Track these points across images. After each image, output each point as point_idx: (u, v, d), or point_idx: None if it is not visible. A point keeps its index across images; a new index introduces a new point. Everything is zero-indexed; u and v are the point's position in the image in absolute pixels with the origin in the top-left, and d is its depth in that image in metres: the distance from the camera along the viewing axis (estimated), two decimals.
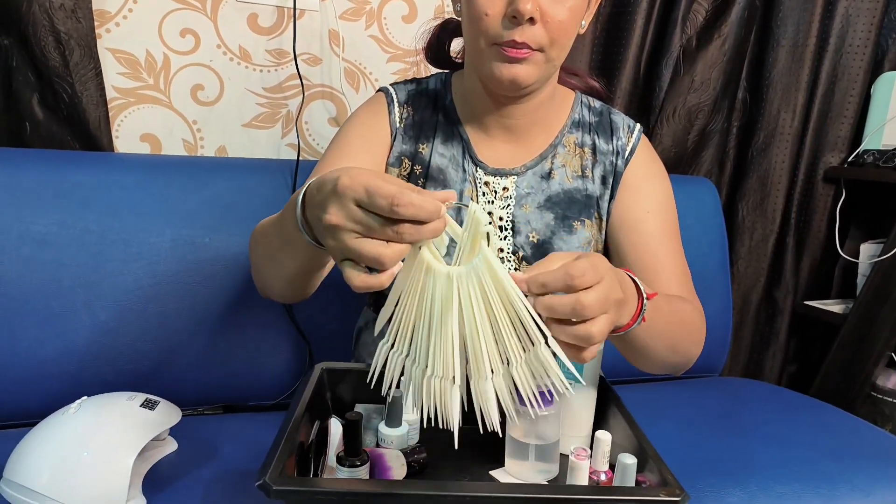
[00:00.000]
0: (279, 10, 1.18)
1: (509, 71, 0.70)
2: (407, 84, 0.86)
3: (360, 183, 0.44)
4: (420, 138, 0.83)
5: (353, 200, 0.44)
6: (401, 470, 0.62)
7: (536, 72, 0.71)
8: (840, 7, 1.39)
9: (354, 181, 0.44)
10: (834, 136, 1.46)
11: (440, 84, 0.86)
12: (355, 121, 0.84)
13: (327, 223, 0.45)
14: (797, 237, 1.51)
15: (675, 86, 1.34)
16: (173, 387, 0.98)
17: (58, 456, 0.64)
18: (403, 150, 0.82)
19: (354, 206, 0.44)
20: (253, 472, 0.51)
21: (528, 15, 0.65)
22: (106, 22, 1.09)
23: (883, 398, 1.39)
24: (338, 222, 0.45)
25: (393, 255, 0.45)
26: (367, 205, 0.44)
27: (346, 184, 0.44)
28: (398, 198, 0.42)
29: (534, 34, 0.68)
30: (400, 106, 0.84)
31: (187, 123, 1.18)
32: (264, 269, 0.70)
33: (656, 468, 0.56)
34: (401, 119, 0.83)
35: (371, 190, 0.43)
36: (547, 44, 0.69)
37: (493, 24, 0.68)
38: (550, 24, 0.67)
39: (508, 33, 0.67)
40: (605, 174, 0.83)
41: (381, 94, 0.85)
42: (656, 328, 0.65)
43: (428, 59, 0.91)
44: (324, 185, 0.48)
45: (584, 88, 0.90)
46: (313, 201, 0.50)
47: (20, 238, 0.92)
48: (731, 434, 0.98)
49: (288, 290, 0.70)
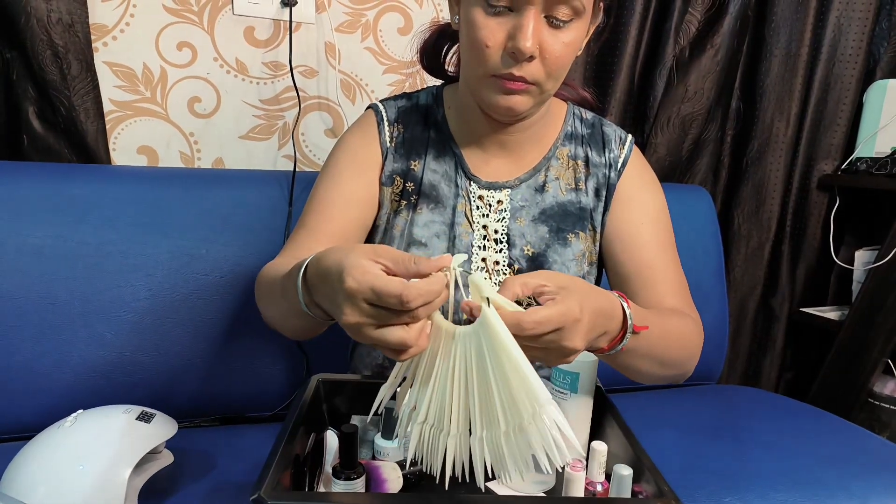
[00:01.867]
0: (275, 22, 1.19)
1: (506, 101, 0.71)
2: (397, 100, 0.86)
3: (367, 286, 0.47)
4: (411, 155, 0.83)
5: (364, 301, 0.48)
6: (397, 482, 0.62)
7: (531, 102, 0.72)
8: (832, 17, 1.40)
9: (361, 285, 0.47)
10: (827, 144, 1.47)
11: (431, 99, 0.86)
12: (346, 146, 0.85)
13: (346, 322, 0.49)
14: (792, 244, 1.52)
15: (668, 95, 1.35)
16: (169, 399, 0.98)
17: (53, 469, 0.64)
18: (395, 169, 0.83)
19: (367, 306, 0.48)
20: (249, 484, 0.51)
21: (529, 54, 0.66)
22: (103, 35, 1.10)
23: (880, 405, 1.39)
24: (357, 321, 0.48)
25: (415, 334, 0.49)
26: (378, 304, 0.47)
27: (354, 288, 0.47)
28: (406, 295, 0.46)
29: (531, 70, 0.68)
30: (390, 125, 0.84)
31: (184, 136, 1.19)
32: (273, 319, 0.73)
33: (653, 479, 0.56)
34: (391, 138, 0.83)
35: (379, 292, 0.46)
36: (543, 78, 0.70)
37: (492, 56, 0.69)
38: (548, 59, 0.68)
39: (507, 66, 0.68)
40: (598, 186, 0.84)
41: (371, 111, 0.85)
42: (641, 350, 0.66)
43: (422, 64, 0.91)
44: (328, 276, 0.51)
45: (575, 99, 0.90)
46: (319, 291, 0.54)
47: (17, 250, 0.92)
48: (729, 442, 0.98)
49: (297, 336, 0.76)
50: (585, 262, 0.82)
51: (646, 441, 0.63)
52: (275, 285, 0.67)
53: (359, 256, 0.49)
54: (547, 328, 0.50)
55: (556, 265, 0.80)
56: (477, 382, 0.51)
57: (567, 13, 0.67)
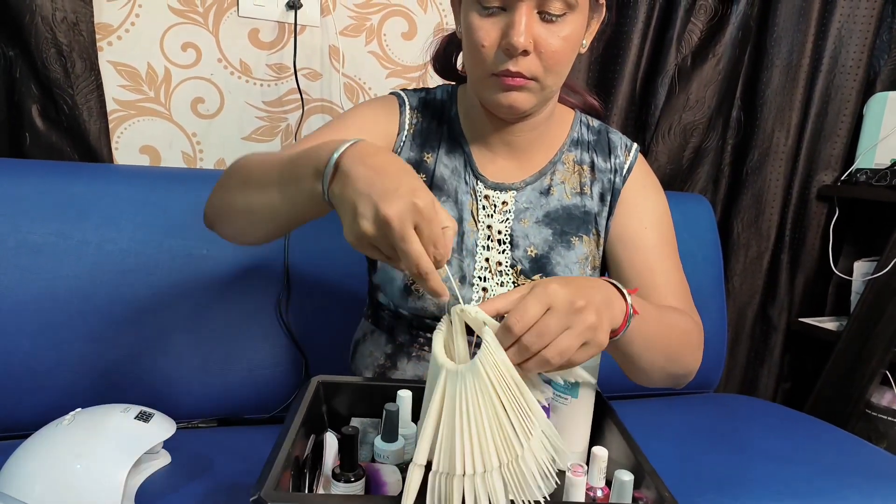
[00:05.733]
0: (280, 25, 1.19)
1: (507, 99, 0.72)
2: (417, 92, 0.87)
3: (428, 218, 0.51)
4: (425, 147, 0.83)
5: (410, 222, 0.50)
6: (397, 485, 0.61)
7: (533, 99, 0.73)
8: (833, 28, 1.41)
9: (426, 214, 0.51)
10: (827, 155, 1.48)
11: (446, 95, 0.87)
12: (362, 109, 0.83)
13: (386, 215, 0.50)
14: (791, 254, 1.52)
15: (670, 104, 1.36)
16: (168, 399, 0.98)
17: (51, 468, 0.64)
18: (410, 158, 0.83)
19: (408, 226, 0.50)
20: (247, 486, 0.51)
21: (521, 48, 0.67)
22: (108, 35, 1.10)
23: (877, 416, 1.40)
24: (393, 215, 0.50)
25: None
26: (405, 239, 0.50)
27: (420, 207, 0.50)
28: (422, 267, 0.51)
29: (528, 65, 0.69)
30: (412, 110, 0.84)
31: (187, 136, 1.19)
32: (244, 210, 0.66)
33: (653, 484, 0.56)
34: (411, 124, 0.84)
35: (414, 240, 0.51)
36: (541, 73, 0.71)
37: (489, 54, 0.70)
38: (545, 54, 0.69)
39: (504, 62, 0.70)
40: (603, 191, 0.84)
41: (393, 97, 0.86)
42: (649, 334, 0.65)
43: (436, 69, 0.93)
44: (390, 169, 0.52)
45: (582, 106, 0.91)
46: (358, 174, 0.53)
47: (17, 248, 0.91)
48: (727, 450, 0.98)
49: (268, 233, 0.68)
50: (588, 266, 0.82)
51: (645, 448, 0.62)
52: (267, 168, 0.63)
53: (429, 194, 0.51)
54: (531, 311, 0.51)
55: (560, 267, 0.80)
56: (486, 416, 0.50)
57: (560, 7, 0.68)
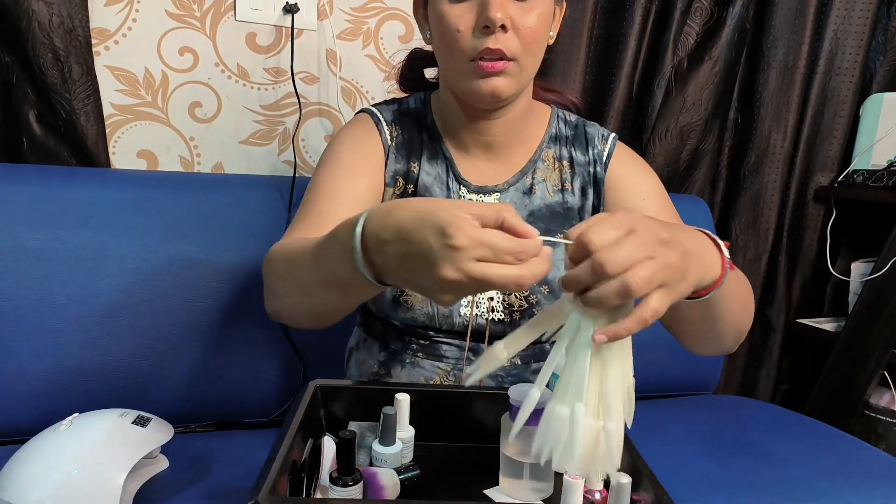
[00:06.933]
0: (277, 29, 1.19)
1: (487, 85, 0.72)
2: (389, 105, 0.87)
3: (479, 241, 0.44)
4: (410, 157, 0.83)
5: (475, 258, 0.45)
6: (394, 489, 0.61)
7: (514, 83, 0.73)
8: (829, 30, 1.41)
9: (474, 241, 0.44)
10: (824, 157, 1.48)
11: (419, 104, 0.86)
12: (347, 142, 0.82)
13: (444, 278, 0.45)
14: (789, 256, 1.52)
15: (667, 106, 1.36)
16: (166, 404, 0.98)
17: (48, 473, 0.63)
18: (398, 170, 0.83)
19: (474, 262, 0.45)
20: (245, 490, 0.51)
21: (500, 22, 0.68)
22: (105, 40, 1.10)
23: (876, 417, 1.40)
24: (457, 278, 0.45)
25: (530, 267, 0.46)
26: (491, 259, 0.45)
27: (464, 245, 0.44)
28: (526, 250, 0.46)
29: (507, 42, 0.70)
30: (388, 125, 0.84)
31: (184, 140, 1.19)
32: (293, 301, 0.68)
33: (651, 487, 0.56)
34: (391, 137, 0.83)
35: (496, 248, 0.45)
36: (520, 52, 0.71)
37: (465, 38, 0.70)
38: (521, 31, 0.70)
39: (482, 43, 0.69)
40: (584, 185, 0.85)
41: (366, 115, 0.85)
42: (730, 290, 0.62)
43: (406, 88, 0.94)
44: (408, 231, 0.46)
45: (563, 104, 0.92)
46: (386, 250, 0.49)
47: (15, 253, 0.91)
48: (725, 452, 0.98)
49: (320, 321, 0.69)
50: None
51: (642, 451, 0.62)
52: (301, 256, 0.62)
53: (454, 209, 0.45)
54: (611, 229, 0.47)
55: None
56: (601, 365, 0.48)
57: None
